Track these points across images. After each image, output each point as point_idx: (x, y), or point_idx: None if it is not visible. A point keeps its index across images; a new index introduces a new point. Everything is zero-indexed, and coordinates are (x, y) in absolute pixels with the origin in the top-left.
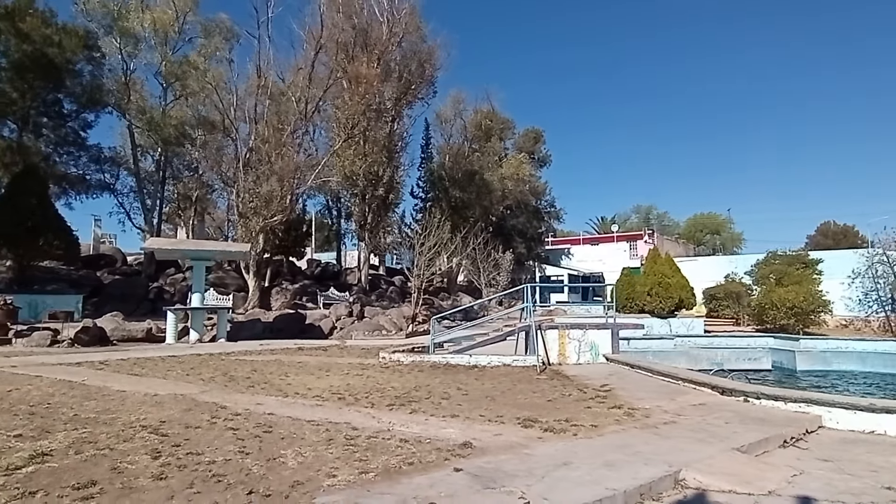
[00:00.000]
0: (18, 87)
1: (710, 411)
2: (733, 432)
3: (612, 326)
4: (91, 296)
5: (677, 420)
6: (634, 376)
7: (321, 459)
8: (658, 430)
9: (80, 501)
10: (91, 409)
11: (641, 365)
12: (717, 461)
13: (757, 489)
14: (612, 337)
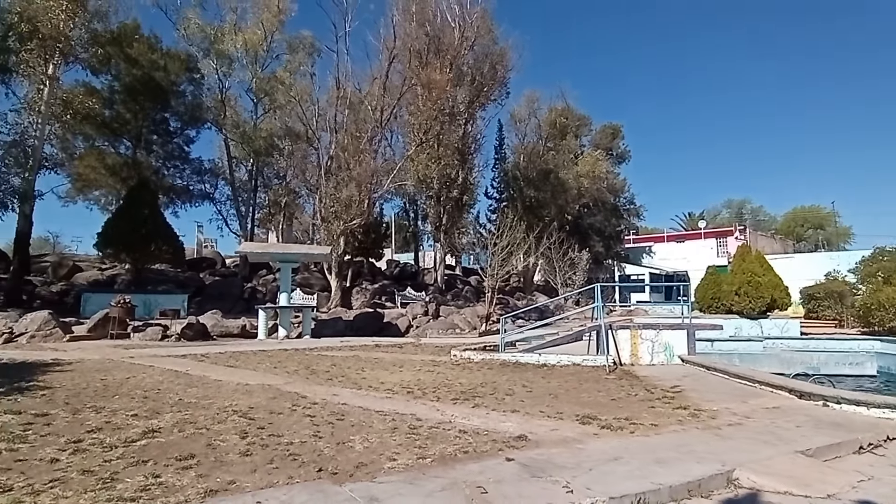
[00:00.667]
0: (131, 109)
1: (783, 415)
2: (802, 436)
3: (687, 327)
4: (195, 295)
5: (744, 422)
6: (709, 378)
7: (385, 445)
8: (720, 431)
9: (181, 470)
10: (192, 395)
11: (717, 367)
12: (777, 463)
13: (815, 492)
14: (687, 337)
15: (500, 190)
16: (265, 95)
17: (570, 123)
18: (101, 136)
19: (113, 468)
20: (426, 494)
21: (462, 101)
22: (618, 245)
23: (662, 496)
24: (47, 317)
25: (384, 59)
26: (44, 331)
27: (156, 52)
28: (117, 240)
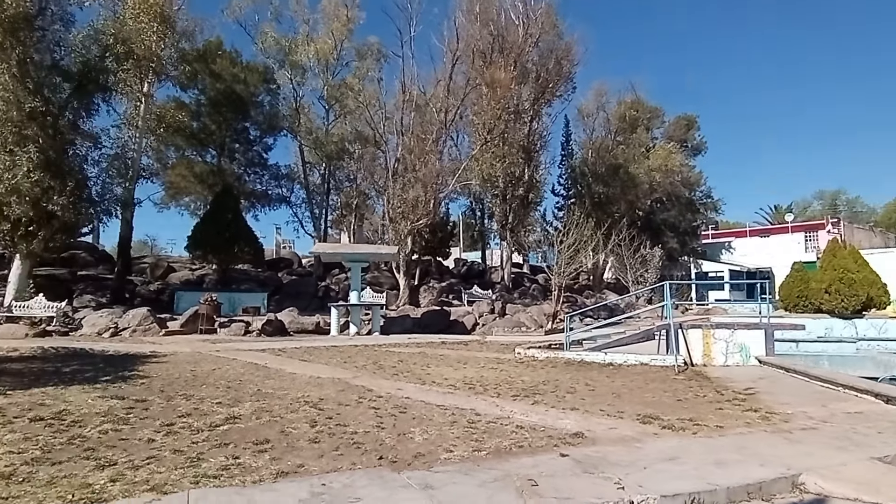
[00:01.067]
0: (216, 120)
1: (865, 420)
2: (883, 442)
3: (765, 326)
4: (273, 293)
5: (819, 427)
6: (788, 381)
7: (443, 437)
8: (791, 434)
9: (257, 453)
10: (269, 386)
11: (797, 369)
12: (849, 469)
13: (888, 499)
14: (765, 338)
15: (567, 187)
16: (336, 102)
17: (640, 116)
18: (190, 146)
19: (199, 449)
20: (478, 484)
21: (527, 98)
22: (694, 241)
23: (718, 497)
24: (146, 313)
25: (448, 61)
26: (143, 326)
27: (237, 66)
28: (205, 242)
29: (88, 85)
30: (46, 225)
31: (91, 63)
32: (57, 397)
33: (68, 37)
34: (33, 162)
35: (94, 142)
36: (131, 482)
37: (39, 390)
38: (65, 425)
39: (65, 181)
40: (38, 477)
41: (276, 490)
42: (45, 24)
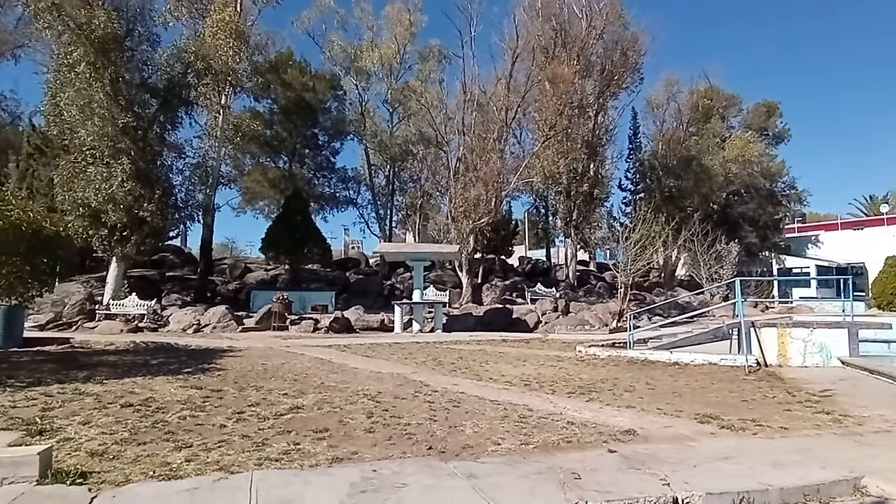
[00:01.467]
0: (287, 128)
1: None
2: None
3: (848, 325)
4: (341, 292)
5: (894, 430)
6: (871, 383)
7: (493, 431)
8: (862, 437)
9: (316, 440)
10: (332, 380)
11: (883, 370)
12: None
13: None
14: (848, 337)
15: (635, 181)
16: (399, 105)
17: (714, 104)
18: (264, 153)
19: (265, 435)
20: (522, 476)
21: (591, 92)
22: (776, 235)
23: (771, 497)
24: (224, 311)
25: (508, 59)
26: (222, 323)
27: (306, 74)
28: (277, 244)
29: (173, 100)
30: (138, 230)
31: (175, 80)
32: (145, 386)
33: (154, 56)
34: (126, 173)
35: (178, 152)
36: (203, 462)
37: (130, 380)
38: (150, 411)
39: (153, 189)
40: (125, 455)
41: (331, 474)
42: (134, 44)
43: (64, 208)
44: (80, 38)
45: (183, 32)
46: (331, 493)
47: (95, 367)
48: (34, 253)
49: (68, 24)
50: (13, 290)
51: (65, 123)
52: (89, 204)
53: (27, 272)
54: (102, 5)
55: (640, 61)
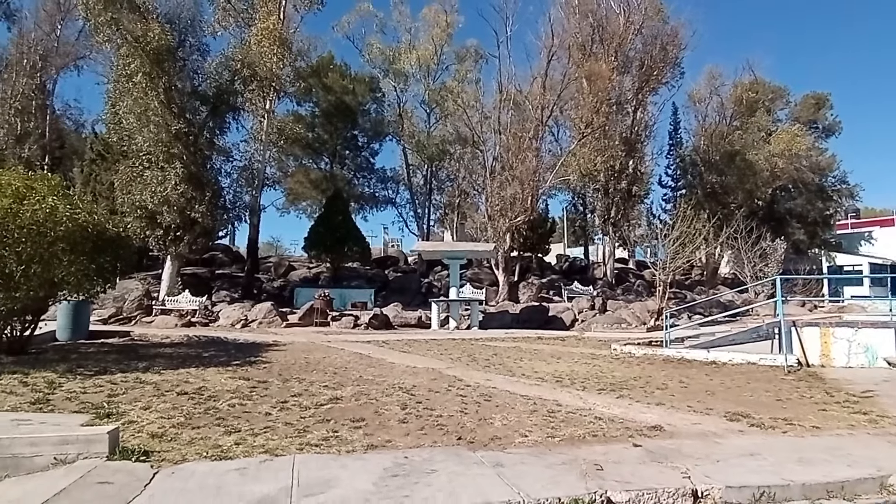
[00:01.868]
0: (328, 130)
1: None
2: None
3: (895, 325)
4: (380, 289)
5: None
6: None
7: (521, 424)
8: (895, 438)
9: (353, 429)
10: (370, 374)
11: None
12: None
13: None
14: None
15: (675, 178)
16: (436, 105)
17: (760, 98)
18: (306, 155)
19: (306, 423)
20: (546, 465)
21: (629, 88)
22: (826, 231)
23: (792, 492)
24: (270, 307)
25: (544, 58)
26: (267, 318)
27: (346, 78)
28: (318, 243)
29: (221, 106)
30: (190, 230)
31: (223, 87)
32: (198, 377)
33: (204, 65)
34: (179, 176)
35: (226, 156)
36: (251, 445)
37: (185, 370)
38: (203, 399)
39: (204, 192)
40: (181, 437)
41: (365, 459)
42: (185, 54)
43: (123, 210)
44: (137, 50)
45: (230, 41)
46: (365, 475)
47: (153, 358)
48: (99, 252)
49: (126, 38)
50: (81, 287)
51: (123, 131)
52: (146, 206)
53: (93, 270)
54: (157, 19)
55: (679, 56)
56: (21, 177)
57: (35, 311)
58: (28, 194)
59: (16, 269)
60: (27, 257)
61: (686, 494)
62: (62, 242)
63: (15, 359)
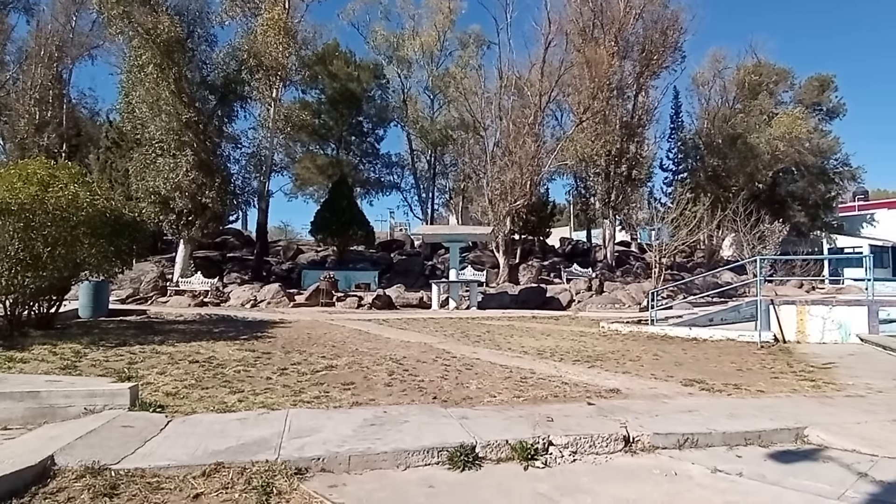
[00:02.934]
0: (334, 117)
1: None
2: None
3: (868, 303)
4: (385, 272)
5: (868, 396)
6: (880, 358)
7: (494, 388)
8: (831, 400)
9: (343, 391)
10: (365, 347)
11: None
12: (861, 427)
13: (885, 452)
14: (868, 315)
15: (676, 161)
16: (440, 91)
17: (763, 80)
18: (313, 141)
19: (301, 385)
20: (504, 418)
21: (630, 72)
22: (827, 214)
23: (714, 439)
24: (278, 288)
25: (541, 45)
26: (276, 299)
27: (350, 65)
28: (324, 227)
29: (229, 95)
30: (201, 215)
31: (231, 76)
32: (208, 348)
33: (212, 55)
34: (190, 163)
35: (235, 143)
36: (252, 402)
37: (196, 343)
38: (212, 366)
39: (214, 178)
40: (192, 396)
41: (349, 413)
42: (194, 45)
43: (138, 196)
44: (148, 42)
45: (237, 30)
46: (347, 424)
47: (168, 333)
48: (117, 236)
49: (137, 30)
50: (101, 268)
51: (137, 119)
52: (159, 192)
53: (112, 252)
54: (166, 11)
55: (680, 40)
56: (45, 166)
57: (59, 290)
58: (52, 182)
59: (42, 250)
60: (52, 240)
61: (618, 439)
62: (83, 227)
63: (43, 333)
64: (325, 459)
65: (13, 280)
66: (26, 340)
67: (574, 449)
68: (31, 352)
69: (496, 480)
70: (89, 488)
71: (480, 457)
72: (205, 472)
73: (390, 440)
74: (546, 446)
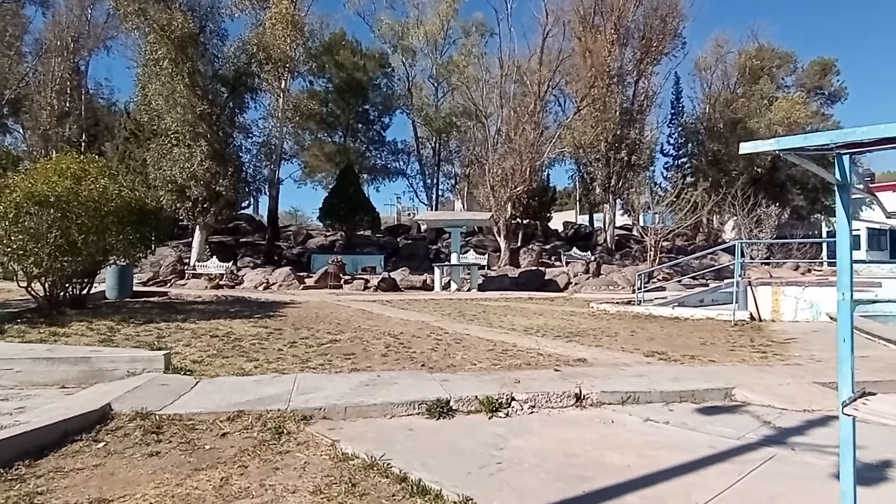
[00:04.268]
0: (340, 105)
1: (861, 362)
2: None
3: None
4: (391, 255)
5: (806, 364)
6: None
7: (476, 357)
8: (770, 368)
9: (343, 360)
10: (367, 325)
11: (856, 325)
12: (782, 388)
13: (796, 407)
14: None
15: (676, 146)
16: (444, 79)
17: (765, 65)
18: (321, 129)
19: (308, 356)
20: (479, 381)
21: (630, 59)
22: (827, 197)
23: (652, 396)
24: (288, 272)
25: (540, 36)
26: (286, 282)
27: (356, 54)
28: (332, 213)
29: (240, 87)
30: (216, 202)
31: (241, 69)
32: (226, 325)
33: (223, 49)
34: (204, 153)
35: (246, 133)
36: (266, 368)
37: (215, 321)
38: (230, 340)
39: (227, 167)
40: (214, 363)
41: (348, 377)
42: (206, 39)
43: (156, 185)
44: (163, 38)
45: (246, 23)
46: (345, 385)
47: (189, 312)
48: (141, 224)
49: (153, 27)
50: (127, 253)
51: (153, 111)
52: (175, 180)
53: (137, 238)
54: (179, 7)
55: (679, 26)
56: (76, 160)
57: (90, 274)
58: (84, 176)
59: (77, 237)
60: (85, 228)
61: (571, 396)
62: (112, 216)
63: (77, 311)
64: (326, 409)
65: (52, 264)
66: (64, 318)
67: (532, 403)
68: (70, 328)
69: (464, 426)
70: (140, 427)
71: (453, 409)
72: (229, 417)
73: (380, 396)
74: (509, 401)
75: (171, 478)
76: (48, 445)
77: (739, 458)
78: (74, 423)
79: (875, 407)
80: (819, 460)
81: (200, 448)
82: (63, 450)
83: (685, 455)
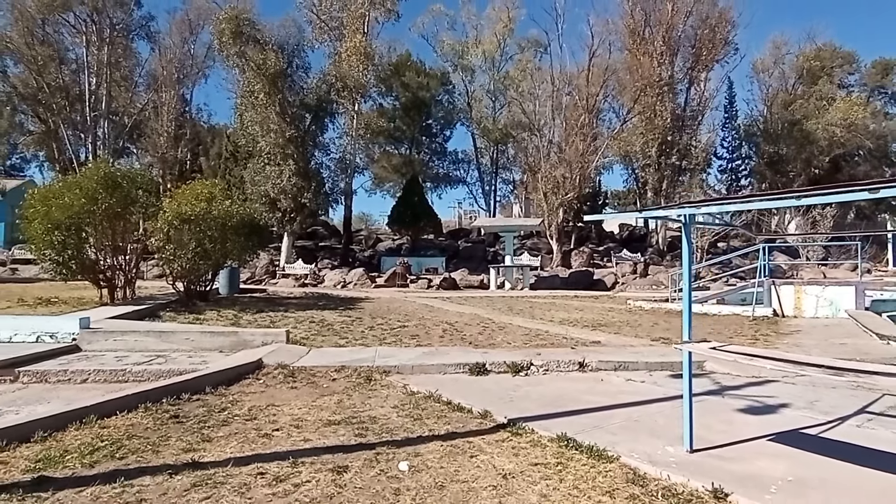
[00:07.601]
0: (406, 121)
1: (832, 346)
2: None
3: (856, 284)
4: (451, 257)
5: (781, 349)
6: (847, 326)
7: (513, 339)
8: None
9: (410, 339)
10: (429, 316)
11: (863, 319)
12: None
13: (746, 374)
14: (855, 294)
15: (731, 150)
16: (500, 94)
17: (824, 65)
18: (389, 143)
19: (384, 336)
20: (509, 353)
21: (680, 68)
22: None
23: (638, 365)
24: (362, 272)
25: (586, 55)
26: (360, 281)
27: (421, 74)
28: (399, 219)
29: (320, 113)
30: (301, 212)
31: (322, 98)
32: (319, 314)
33: (307, 81)
34: (292, 171)
35: (325, 151)
36: (353, 343)
37: (310, 311)
38: (324, 325)
39: (310, 182)
40: (317, 339)
41: (413, 349)
42: (293, 73)
43: (252, 198)
44: (258, 75)
45: (325, 52)
46: (411, 354)
47: (287, 305)
48: (251, 235)
49: (250, 65)
50: (240, 258)
51: (249, 136)
52: (268, 195)
53: (248, 246)
54: (271, 47)
55: (730, 35)
56: (206, 186)
57: (213, 274)
58: (212, 198)
59: (209, 246)
60: (214, 239)
61: (575, 363)
62: (231, 229)
63: (205, 303)
64: (399, 367)
65: (191, 266)
66: (198, 307)
67: (546, 368)
68: (205, 314)
69: (493, 380)
70: (281, 373)
71: (488, 370)
72: (335, 369)
73: (436, 360)
74: (529, 365)
75: (308, 399)
76: (232, 380)
77: (679, 402)
78: (243, 368)
79: (699, 346)
80: (733, 401)
81: (321, 386)
82: (240, 382)
83: (642, 398)
